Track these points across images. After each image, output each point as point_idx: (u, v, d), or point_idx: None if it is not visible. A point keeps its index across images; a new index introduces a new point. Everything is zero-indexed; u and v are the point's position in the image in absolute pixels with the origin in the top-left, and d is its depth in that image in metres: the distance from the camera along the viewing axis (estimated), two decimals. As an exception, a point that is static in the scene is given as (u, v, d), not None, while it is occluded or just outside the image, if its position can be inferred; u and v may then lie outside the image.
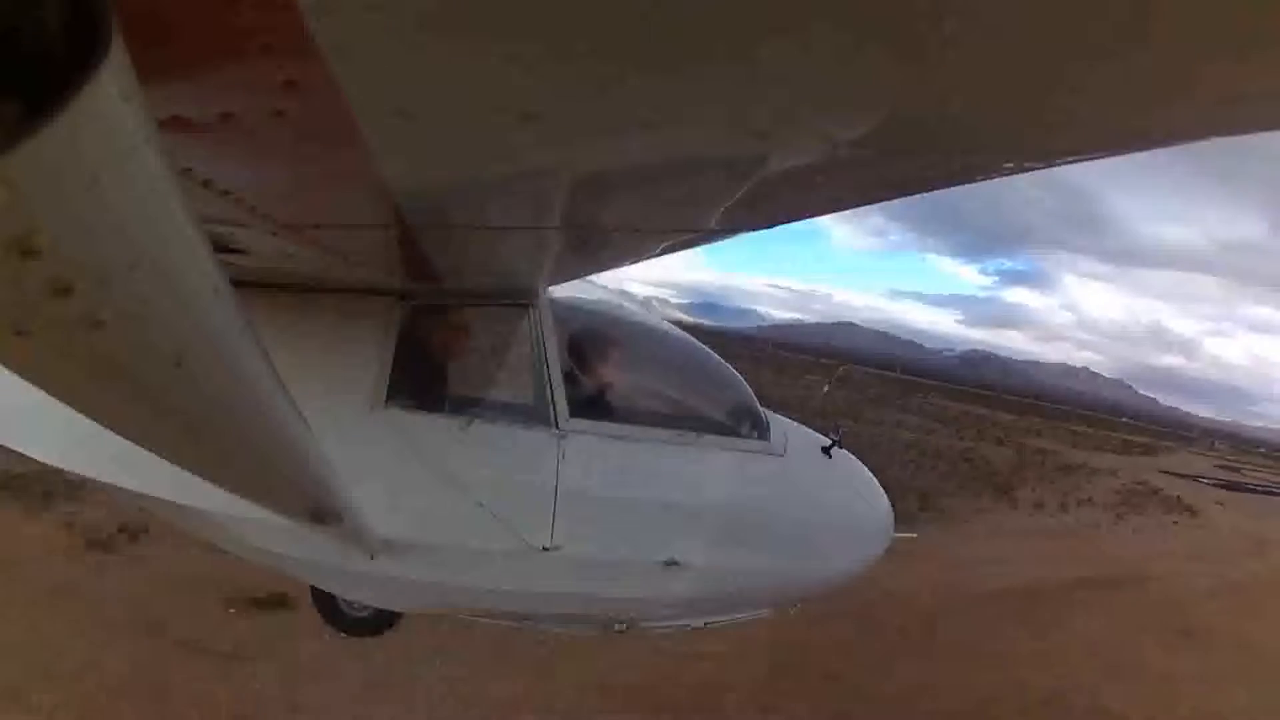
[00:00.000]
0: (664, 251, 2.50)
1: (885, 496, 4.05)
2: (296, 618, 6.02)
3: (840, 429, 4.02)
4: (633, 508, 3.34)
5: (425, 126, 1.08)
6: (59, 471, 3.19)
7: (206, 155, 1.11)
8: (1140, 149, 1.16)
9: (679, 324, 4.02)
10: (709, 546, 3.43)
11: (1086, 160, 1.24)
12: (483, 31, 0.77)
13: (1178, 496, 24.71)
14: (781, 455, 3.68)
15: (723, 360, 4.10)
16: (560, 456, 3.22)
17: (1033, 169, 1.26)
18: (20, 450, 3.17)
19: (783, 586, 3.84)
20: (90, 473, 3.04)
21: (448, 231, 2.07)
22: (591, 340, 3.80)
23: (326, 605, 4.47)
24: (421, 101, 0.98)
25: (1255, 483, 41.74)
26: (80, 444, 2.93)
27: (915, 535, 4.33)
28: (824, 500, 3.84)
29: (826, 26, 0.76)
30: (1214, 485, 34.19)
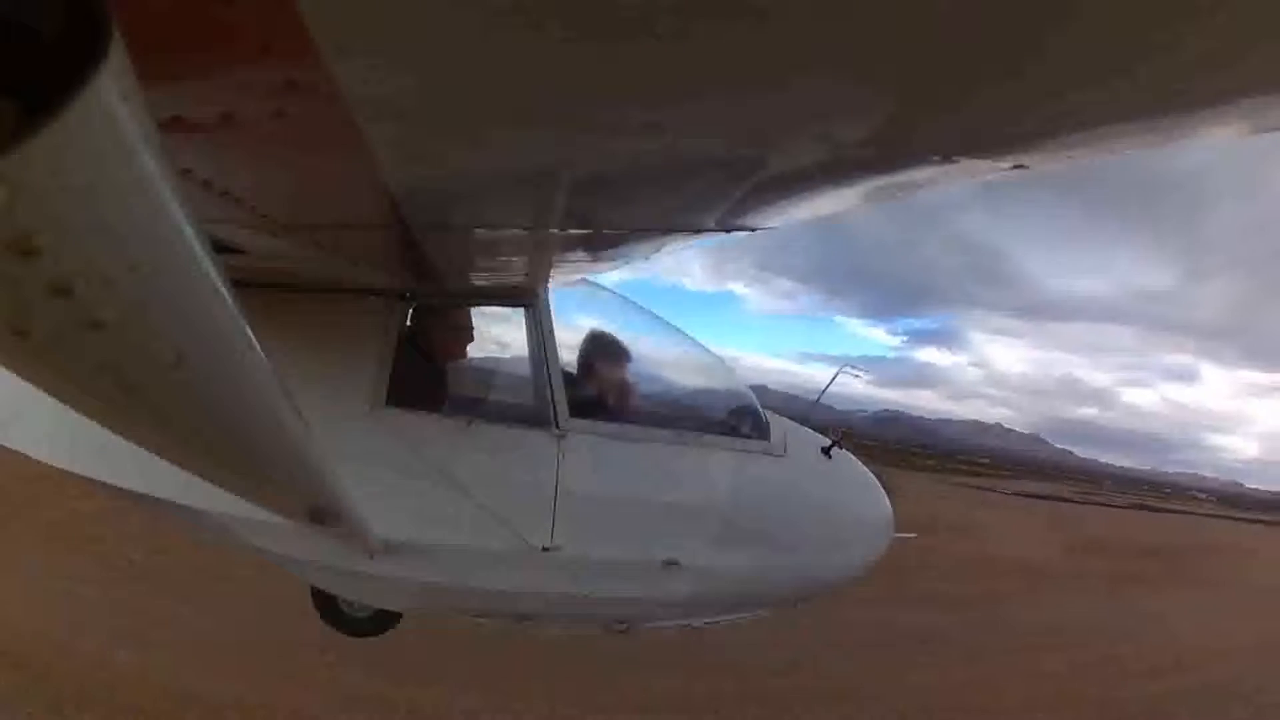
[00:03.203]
0: (664, 251, 2.50)
1: (886, 497, 4.04)
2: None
3: (842, 429, 4.02)
4: (633, 508, 3.34)
5: (425, 126, 1.08)
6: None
7: (206, 155, 1.11)
8: (1138, 148, 1.16)
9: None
10: (709, 546, 3.42)
11: (1086, 159, 1.24)
12: (482, 32, 0.77)
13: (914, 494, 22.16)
14: (782, 455, 3.68)
15: (724, 360, 4.10)
16: (560, 456, 3.22)
17: (1031, 168, 1.26)
18: (20, 450, 3.17)
19: (783, 587, 3.84)
20: (90, 473, 3.04)
21: (448, 231, 2.07)
22: (592, 340, 3.80)
23: (326, 605, 4.46)
24: (421, 101, 0.98)
25: (1080, 498, 46.16)
26: (80, 444, 2.94)
27: (915, 535, 4.32)
28: (824, 500, 3.84)
29: (825, 29, 0.76)
30: (1014, 495, 37.79)
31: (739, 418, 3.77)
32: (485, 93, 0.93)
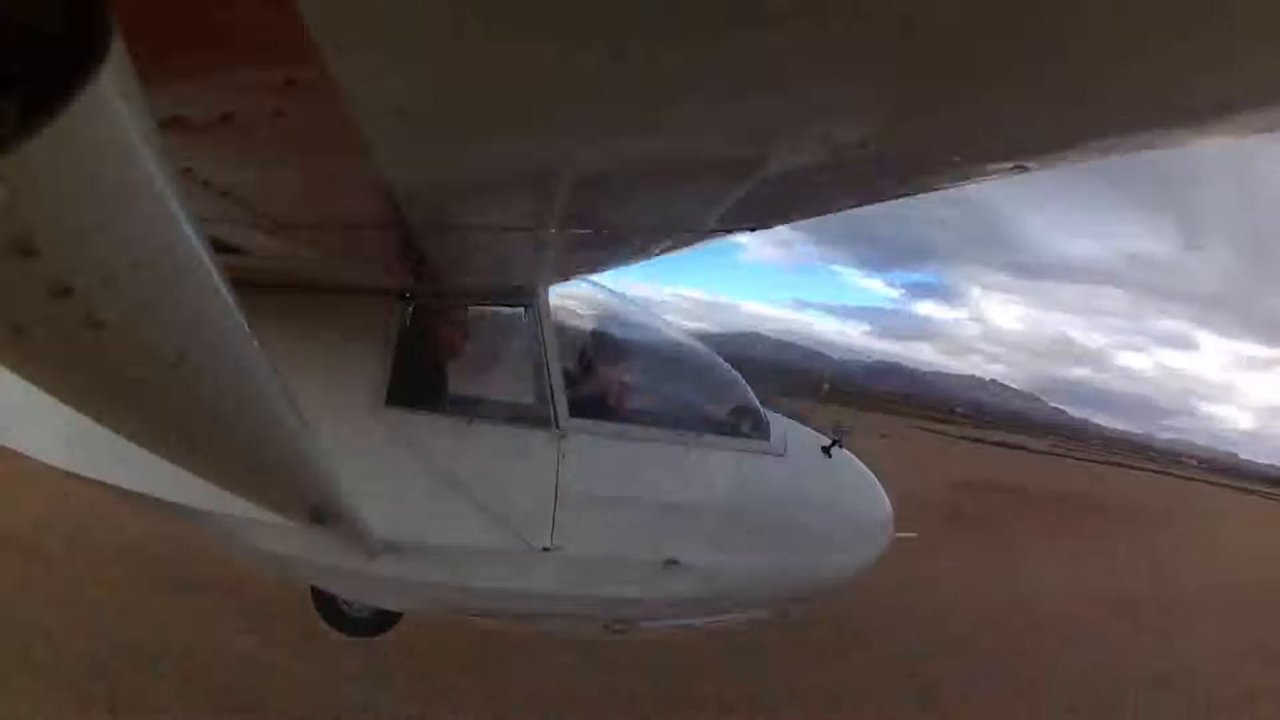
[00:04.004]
0: (664, 251, 2.50)
1: (885, 496, 4.04)
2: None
3: (842, 429, 4.02)
4: (633, 507, 3.34)
5: (425, 126, 1.08)
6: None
7: (206, 155, 1.11)
8: (1135, 150, 1.16)
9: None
10: (709, 546, 3.42)
11: (1085, 161, 1.24)
12: (482, 32, 0.77)
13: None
14: (782, 455, 3.68)
15: (723, 360, 4.10)
16: (560, 456, 3.22)
17: (1030, 169, 1.26)
18: (20, 450, 3.17)
19: (783, 586, 3.84)
20: (91, 473, 3.04)
21: (448, 231, 2.07)
22: (592, 340, 3.80)
23: (326, 605, 4.46)
24: (421, 101, 0.98)
25: (1014, 444, 52.49)
26: (80, 444, 2.93)
27: (915, 535, 4.32)
28: (824, 500, 3.83)
29: (826, 30, 0.76)
30: (945, 435, 45.77)
31: (739, 417, 3.78)
32: (485, 93, 0.93)
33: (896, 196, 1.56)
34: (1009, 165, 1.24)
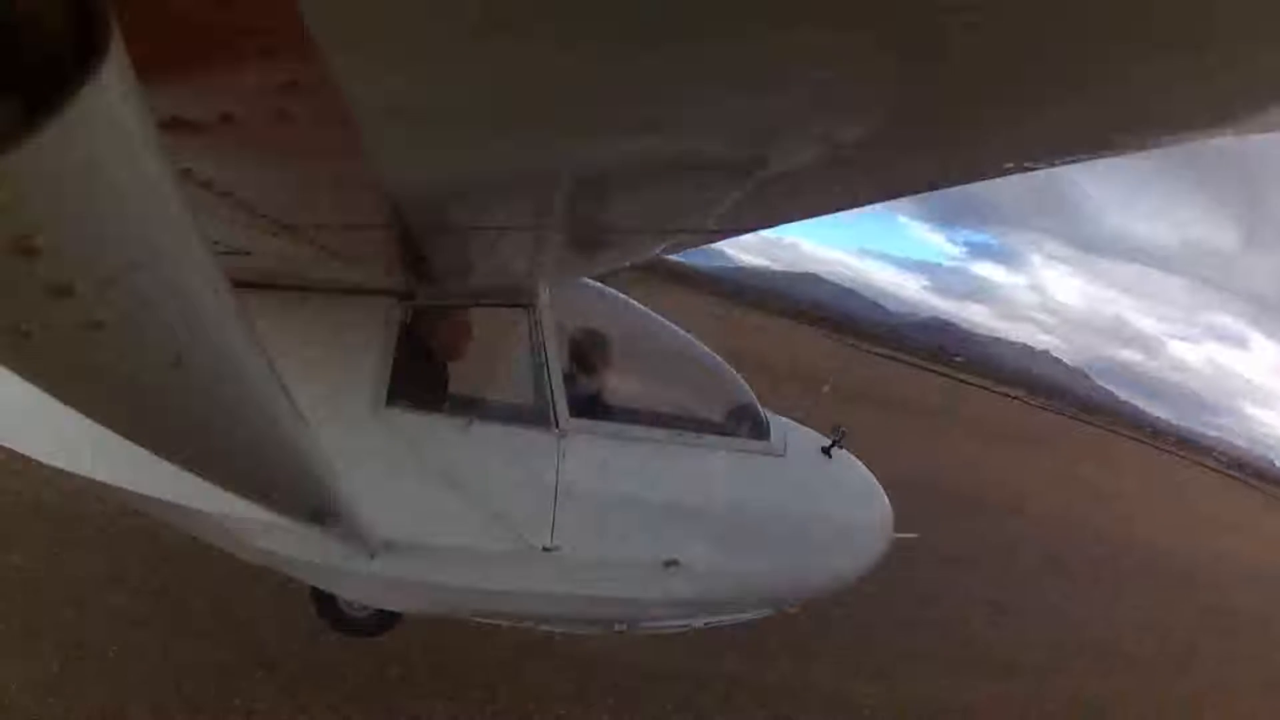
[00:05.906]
0: (664, 252, 2.50)
1: (885, 497, 4.05)
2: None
3: (841, 429, 4.02)
4: (633, 508, 3.34)
5: (425, 126, 1.08)
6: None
7: (206, 155, 1.11)
8: (1140, 148, 1.16)
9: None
10: (709, 546, 3.43)
11: (1087, 160, 1.24)
12: (483, 31, 0.77)
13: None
14: (781, 455, 3.68)
15: (723, 360, 4.11)
16: (560, 456, 3.22)
17: (1033, 169, 1.26)
18: (20, 450, 3.17)
19: (783, 587, 3.84)
20: (90, 473, 3.04)
21: (448, 231, 2.07)
22: (592, 340, 3.80)
23: (326, 605, 4.46)
24: (421, 101, 0.98)
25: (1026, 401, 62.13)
26: (80, 444, 2.93)
27: (916, 535, 4.33)
28: (824, 500, 3.84)
29: (828, 27, 0.76)
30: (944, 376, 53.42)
31: (739, 418, 3.78)
32: (485, 93, 0.93)
33: (899, 196, 1.56)
34: (1010, 165, 1.24)
